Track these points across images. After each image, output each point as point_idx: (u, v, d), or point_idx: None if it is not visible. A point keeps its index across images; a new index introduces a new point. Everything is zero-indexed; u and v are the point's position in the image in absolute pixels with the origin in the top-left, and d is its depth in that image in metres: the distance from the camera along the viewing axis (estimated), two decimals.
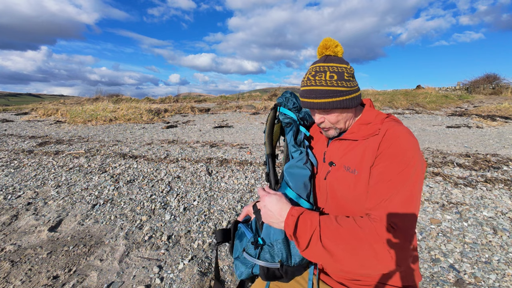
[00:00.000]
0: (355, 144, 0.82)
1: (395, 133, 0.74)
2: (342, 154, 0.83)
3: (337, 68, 0.80)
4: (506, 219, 2.27)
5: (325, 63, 0.81)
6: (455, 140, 5.47)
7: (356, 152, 0.80)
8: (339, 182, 0.81)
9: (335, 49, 0.83)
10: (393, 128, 0.76)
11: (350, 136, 0.84)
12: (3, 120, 9.18)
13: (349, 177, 0.78)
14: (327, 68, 0.80)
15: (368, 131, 0.81)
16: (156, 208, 2.61)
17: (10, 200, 2.78)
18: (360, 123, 0.84)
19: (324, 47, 0.84)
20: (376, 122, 0.81)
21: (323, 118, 0.84)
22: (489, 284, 1.58)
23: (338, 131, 0.86)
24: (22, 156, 4.41)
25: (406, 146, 0.71)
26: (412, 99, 12.48)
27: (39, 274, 1.69)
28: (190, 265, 1.79)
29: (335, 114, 0.82)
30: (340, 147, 0.85)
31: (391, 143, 0.73)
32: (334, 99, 0.78)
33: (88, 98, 15.64)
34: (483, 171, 3.40)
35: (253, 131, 6.92)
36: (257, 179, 3.31)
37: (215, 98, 16.66)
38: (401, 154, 0.70)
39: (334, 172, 0.83)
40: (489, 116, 8.24)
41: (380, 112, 0.85)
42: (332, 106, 0.79)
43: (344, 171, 0.80)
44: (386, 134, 0.75)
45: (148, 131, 7.08)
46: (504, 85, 16.46)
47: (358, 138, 0.82)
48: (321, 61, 0.83)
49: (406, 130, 0.76)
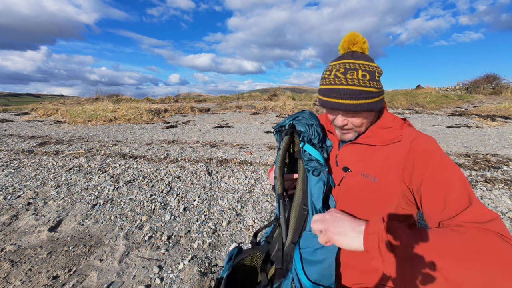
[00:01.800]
0: (373, 149, 0.76)
1: (423, 139, 0.70)
2: (357, 159, 0.78)
3: (369, 67, 0.72)
4: (506, 219, 2.27)
5: (354, 60, 0.72)
6: (455, 140, 5.48)
7: (376, 159, 0.74)
8: (354, 189, 0.75)
9: (363, 45, 0.75)
10: (419, 136, 0.71)
11: (367, 140, 0.78)
12: (3, 120, 9.17)
13: (367, 184, 0.73)
14: (358, 66, 0.71)
15: (388, 136, 0.75)
16: (156, 208, 2.61)
17: (10, 200, 2.78)
18: (378, 127, 0.79)
19: (351, 42, 0.75)
20: (396, 127, 0.76)
21: (346, 121, 0.76)
22: None
23: (357, 134, 0.80)
24: (22, 156, 4.41)
25: (433, 143, 0.69)
26: (412, 99, 12.49)
27: (39, 274, 1.69)
28: (190, 265, 1.79)
29: (362, 117, 0.75)
30: (355, 151, 0.80)
31: (424, 147, 0.68)
32: (365, 101, 0.71)
33: (88, 98, 15.63)
34: (483, 171, 3.40)
35: (253, 131, 6.92)
36: (257, 179, 3.31)
37: (215, 98, 16.66)
38: (438, 152, 0.66)
39: (350, 179, 0.77)
40: (489, 116, 8.24)
41: (396, 116, 0.81)
42: (362, 108, 0.71)
43: (361, 177, 0.75)
44: (415, 142, 0.69)
45: (148, 131, 7.08)
46: (504, 85, 16.47)
47: (376, 143, 0.76)
48: (348, 57, 0.74)
49: (429, 137, 0.72)
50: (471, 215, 0.57)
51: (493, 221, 0.55)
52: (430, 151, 0.67)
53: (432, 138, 0.71)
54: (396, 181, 0.69)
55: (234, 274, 0.84)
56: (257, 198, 2.80)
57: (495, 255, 0.47)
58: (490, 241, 0.50)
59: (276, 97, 14.07)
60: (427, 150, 0.67)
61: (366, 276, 0.76)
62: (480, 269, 0.46)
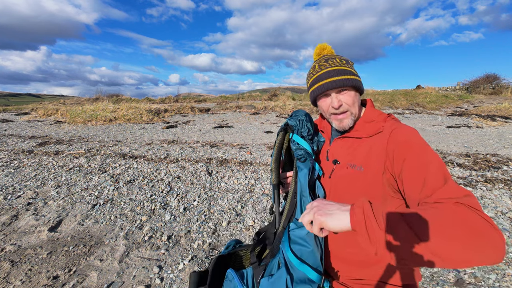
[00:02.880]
0: (359, 142, 0.83)
1: (401, 130, 0.76)
2: (346, 152, 0.84)
3: (343, 57, 0.88)
4: (506, 219, 2.26)
5: (330, 55, 0.89)
6: (455, 140, 5.47)
7: (361, 150, 0.80)
8: (343, 179, 0.80)
9: (331, 50, 0.92)
10: (399, 127, 0.77)
11: (354, 134, 0.85)
12: (3, 120, 9.17)
13: (354, 174, 0.78)
14: (335, 56, 0.88)
15: (371, 128, 0.82)
16: (156, 208, 2.61)
17: (10, 200, 2.78)
18: (364, 121, 0.86)
19: (322, 48, 0.92)
20: (378, 120, 0.83)
21: (340, 102, 0.83)
22: (489, 284, 1.58)
23: (353, 118, 0.85)
24: (22, 156, 4.41)
25: (413, 132, 0.74)
26: (412, 99, 12.48)
27: (39, 274, 1.69)
28: (190, 265, 1.79)
29: (352, 95, 0.83)
30: (344, 145, 0.86)
31: (403, 137, 0.73)
32: (350, 76, 0.82)
33: (88, 98, 15.63)
34: (483, 171, 3.40)
35: (253, 131, 6.92)
36: (257, 179, 3.31)
37: (215, 98, 16.66)
38: (416, 140, 0.72)
39: (339, 170, 0.83)
40: (489, 116, 8.24)
41: (382, 112, 0.87)
42: (349, 83, 0.81)
43: (349, 168, 0.80)
44: (394, 132, 0.75)
45: (148, 131, 7.08)
46: (504, 85, 16.46)
47: (362, 135, 0.83)
48: (324, 55, 0.90)
49: (409, 127, 0.77)
50: (446, 192, 0.62)
51: (466, 197, 0.60)
52: (408, 141, 0.72)
53: (413, 129, 0.76)
54: (380, 169, 0.74)
55: (226, 259, 0.91)
56: (257, 198, 2.80)
57: (468, 225, 0.52)
58: (464, 213, 0.55)
59: (276, 97, 14.07)
60: (405, 140, 0.72)
61: (364, 271, 0.77)
62: (456, 238, 0.50)
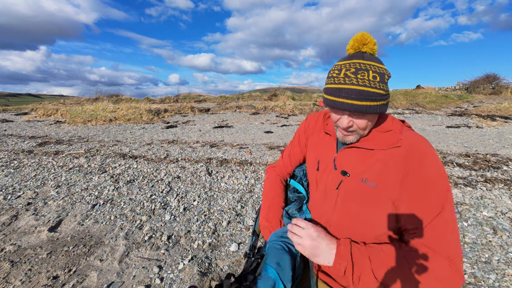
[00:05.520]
0: (371, 153, 0.75)
1: (420, 148, 0.70)
2: (356, 164, 0.77)
3: (379, 68, 0.71)
4: (506, 219, 2.27)
5: (365, 61, 0.71)
6: (455, 140, 5.48)
7: (374, 164, 0.73)
8: (354, 194, 0.75)
9: (374, 47, 0.73)
10: (417, 143, 0.72)
11: (366, 144, 0.77)
12: (3, 120, 9.17)
13: (367, 190, 0.73)
14: (368, 67, 0.70)
15: (387, 140, 0.74)
16: (156, 208, 2.61)
17: (10, 200, 2.78)
18: (378, 130, 0.77)
19: (362, 42, 0.72)
20: (395, 131, 0.75)
21: (352, 122, 0.74)
22: (489, 284, 1.58)
23: (359, 137, 0.78)
24: (22, 156, 4.41)
25: (436, 167, 0.68)
26: (412, 99, 12.49)
27: (39, 274, 1.69)
28: (190, 265, 1.79)
29: (367, 119, 0.73)
30: (353, 155, 0.79)
31: (421, 163, 0.68)
32: (374, 103, 0.69)
33: (88, 98, 15.62)
34: (483, 171, 3.40)
35: (253, 131, 6.92)
36: (257, 179, 3.31)
37: (215, 98, 16.65)
38: (436, 179, 0.67)
39: (349, 183, 0.77)
40: (489, 116, 8.24)
41: (394, 117, 0.80)
42: (370, 110, 0.69)
43: (361, 183, 0.74)
44: (412, 149, 0.70)
45: (148, 131, 7.08)
46: (504, 85, 16.47)
47: (374, 147, 0.75)
48: (358, 57, 0.72)
49: (427, 143, 0.72)
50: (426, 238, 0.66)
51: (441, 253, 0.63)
52: (431, 180, 0.68)
53: (431, 148, 0.72)
54: (397, 187, 0.69)
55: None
56: (257, 198, 2.80)
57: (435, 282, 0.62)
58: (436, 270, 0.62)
59: (276, 97, 14.06)
60: (428, 179, 0.68)
61: None
62: None
